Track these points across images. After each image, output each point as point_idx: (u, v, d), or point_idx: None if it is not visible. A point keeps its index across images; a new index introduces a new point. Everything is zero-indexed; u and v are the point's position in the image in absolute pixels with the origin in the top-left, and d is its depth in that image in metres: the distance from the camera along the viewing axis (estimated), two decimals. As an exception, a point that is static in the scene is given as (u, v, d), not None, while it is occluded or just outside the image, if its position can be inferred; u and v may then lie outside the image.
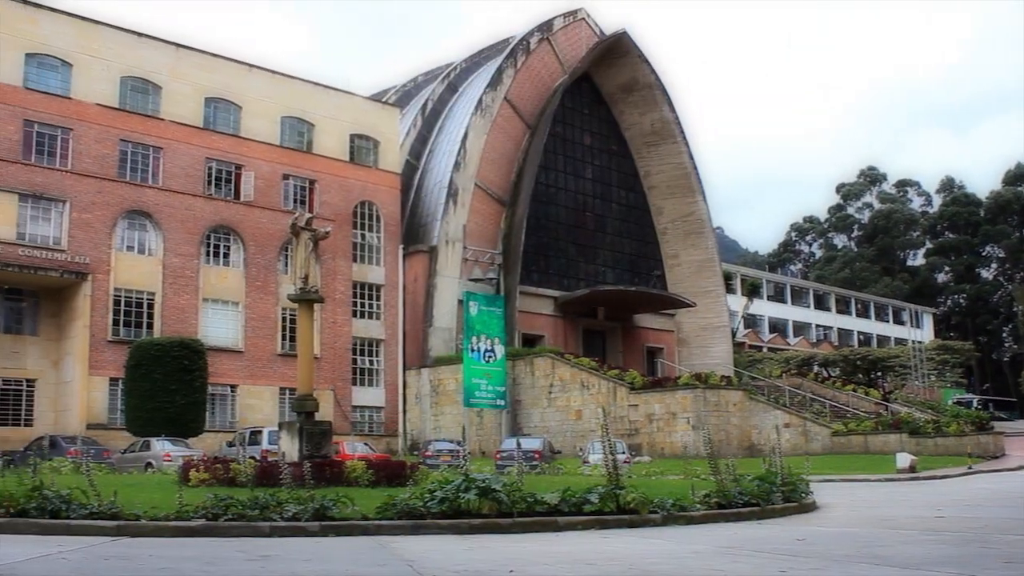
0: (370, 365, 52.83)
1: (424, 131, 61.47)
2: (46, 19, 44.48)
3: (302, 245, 22.12)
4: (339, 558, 10.02)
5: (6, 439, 39.28)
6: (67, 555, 9.82)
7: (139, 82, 46.79)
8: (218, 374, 44.79)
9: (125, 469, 31.07)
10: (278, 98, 51.19)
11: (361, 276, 52.98)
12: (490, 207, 58.52)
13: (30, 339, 43.81)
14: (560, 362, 50.08)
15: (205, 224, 47.34)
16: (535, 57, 62.23)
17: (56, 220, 43.23)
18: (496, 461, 34.47)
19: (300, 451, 19.87)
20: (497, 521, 12.52)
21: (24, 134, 42.85)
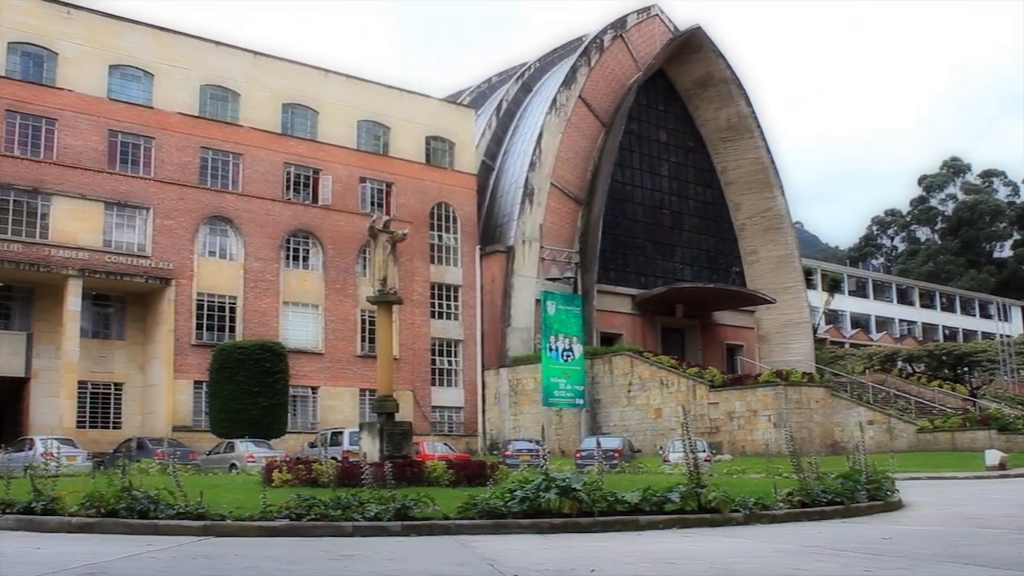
0: (449, 365, 53.09)
1: (499, 131, 61.58)
2: (128, 31, 45.46)
3: (380, 247, 22.24)
4: (421, 557, 10.07)
5: (96, 441, 40.20)
6: (156, 554, 10.01)
7: (218, 90, 47.57)
8: (299, 376, 45.36)
9: (210, 470, 31.58)
10: (354, 102, 51.68)
11: (439, 277, 53.27)
12: (566, 206, 58.44)
13: (117, 344, 44.80)
14: (639, 360, 49.84)
15: (284, 228, 47.97)
16: (609, 55, 62.00)
17: (140, 227, 44.15)
18: (576, 460, 34.40)
19: (381, 451, 20.00)
20: (577, 520, 12.48)
21: (109, 144, 43.85)
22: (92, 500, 12.62)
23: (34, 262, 40.94)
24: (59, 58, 43.44)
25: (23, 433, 39.40)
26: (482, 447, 51.66)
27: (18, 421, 41.95)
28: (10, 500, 13.08)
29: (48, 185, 41.92)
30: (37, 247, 41.25)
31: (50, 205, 42.05)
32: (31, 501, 12.93)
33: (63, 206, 42.27)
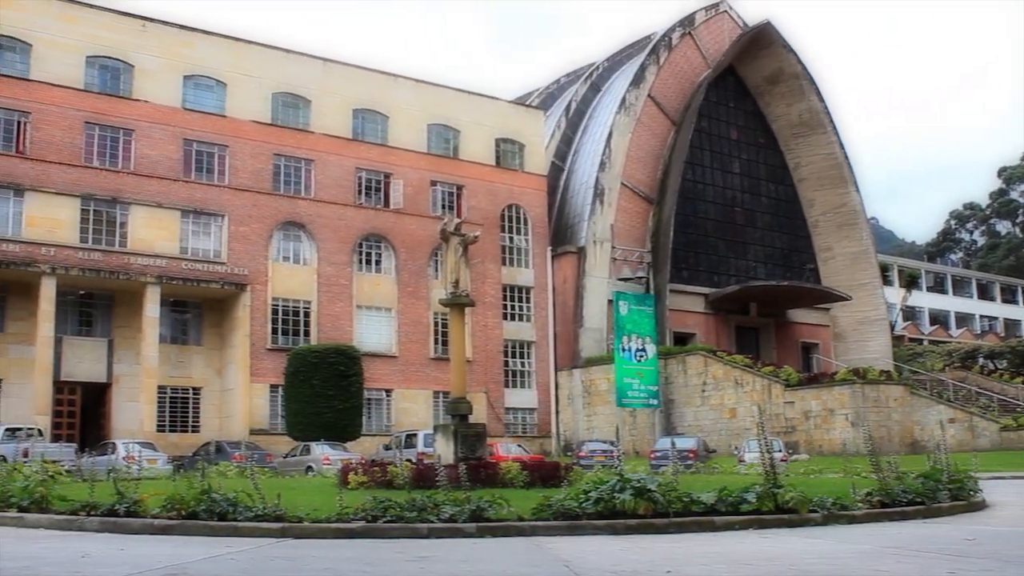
0: (522, 367, 53.15)
1: (568, 132, 61.54)
2: (201, 42, 46.22)
3: (452, 250, 22.32)
4: (496, 559, 10.08)
5: (175, 445, 40.91)
6: (235, 555, 10.14)
7: (290, 97, 48.16)
8: (373, 379, 45.72)
9: (287, 473, 31.93)
10: (424, 106, 51.98)
11: (511, 279, 53.36)
12: (637, 205, 58.21)
13: (195, 349, 45.56)
14: (713, 360, 49.45)
15: (357, 233, 48.39)
16: (677, 53, 61.63)
17: (216, 234, 44.85)
18: (650, 461, 34.23)
19: (455, 453, 20.06)
20: (653, 521, 12.40)
21: (184, 153, 44.63)
22: (173, 502, 12.82)
23: (114, 270, 41.80)
24: (135, 70, 44.31)
25: (105, 437, 40.24)
26: (556, 448, 51.61)
27: (100, 425, 42.86)
28: (94, 502, 13.35)
29: (126, 194, 42.78)
30: (117, 255, 42.11)
31: (128, 214, 42.91)
32: (115, 503, 13.19)
33: (141, 215, 43.10)
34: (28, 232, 40.56)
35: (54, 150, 41.65)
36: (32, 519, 13.63)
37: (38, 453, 22.48)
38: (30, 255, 40.19)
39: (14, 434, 33.79)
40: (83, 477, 17.82)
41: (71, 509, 13.59)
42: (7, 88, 41.16)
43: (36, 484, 14.54)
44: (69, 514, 13.45)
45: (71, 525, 13.08)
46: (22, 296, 41.01)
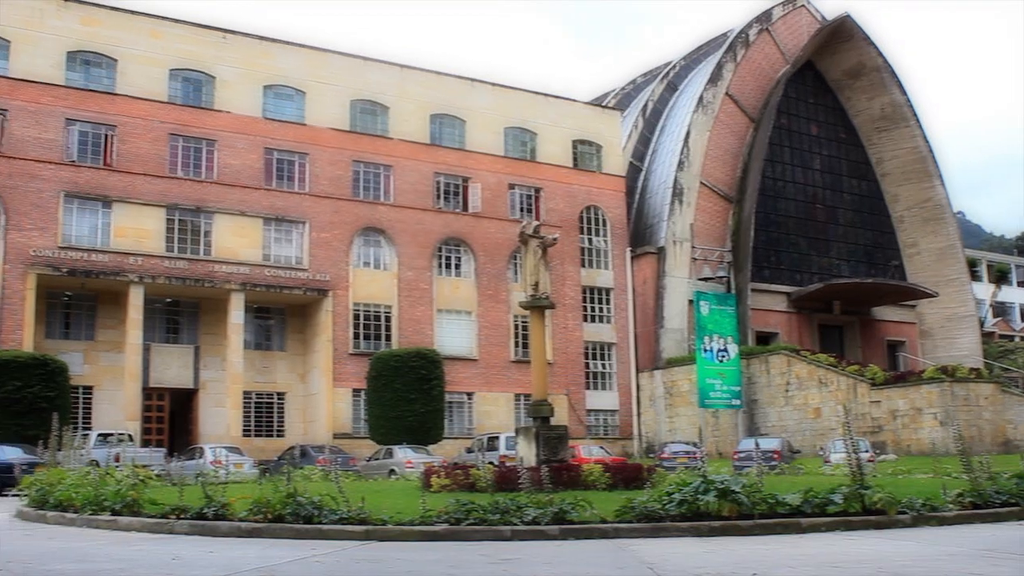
0: (602, 369, 53.01)
1: (646, 132, 61.25)
2: (280, 52, 46.88)
3: (531, 253, 22.34)
4: (579, 561, 10.07)
5: (261, 449, 41.53)
6: (321, 558, 10.27)
7: (368, 104, 48.62)
8: (454, 382, 45.95)
9: (370, 476, 32.23)
10: (500, 110, 52.11)
11: (590, 280, 53.26)
12: (716, 204, 57.73)
13: (278, 354, 46.21)
14: (796, 359, 48.80)
15: (436, 237, 48.67)
16: (755, 49, 61.01)
17: (297, 240, 45.44)
18: (734, 462, 33.89)
19: (537, 456, 20.07)
20: (737, 523, 12.30)
21: (265, 161, 45.30)
22: (260, 506, 13.03)
23: (199, 278, 42.58)
24: (216, 81, 45.10)
25: (193, 442, 41.01)
26: (638, 450, 51.40)
27: (188, 430, 43.68)
28: (184, 506, 13.63)
29: (210, 203, 43.55)
30: (202, 263, 42.88)
31: (212, 222, 43.67)
32: (203, 507, 13.45)
33: (224, 223, 43.85)
34: (116, 242, 41.49)
35: (140, 162, 42.56)
36: (125, 522, 13.96)
37: (129, 458, 22.93)
38: (119, 265, 41.12)
39: (106, 439, 34.59)
40: (172, 481, 18.20)
41: (161, 512, 13.89)
42: (95, 103, 42.19)
43: (128, 488, 14.90)
44: (160, 517, 13.75)
45: (162, 528, 13.38)
46: (111, 305, 41.98)
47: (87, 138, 42.07)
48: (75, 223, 41.07)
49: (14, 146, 40.22)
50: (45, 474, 17.89)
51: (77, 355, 41.08)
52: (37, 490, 17.14)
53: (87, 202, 41.35)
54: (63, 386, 36.51)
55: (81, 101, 41.93)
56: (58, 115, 41.27)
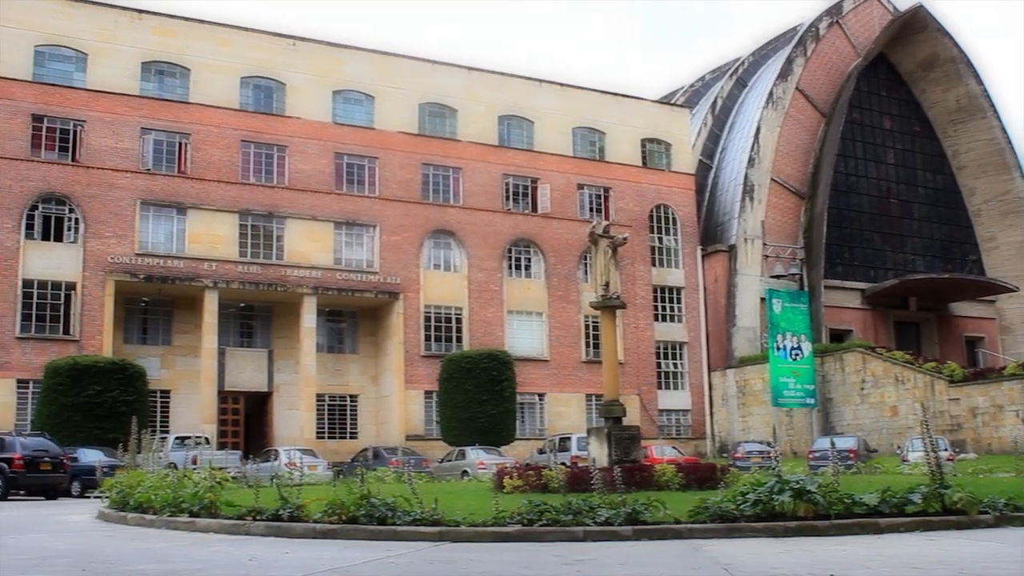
0: (674, 368, 52.70)
1: (715, 129, 60.80)
2: (349, 57, 47.32)
3: (601, 253, 22.28)
4: (653, 562, 10.00)
5: (334, 451, 41.92)
6: (395, 559, 10.32)
7: (436, 107, 48.87)
8: (526, 383, 45.97)
9: (442, 477, 32.38)
10: (568, 110, 52.05)
11: (661, 279, 52.98)
12: (788, 201, 57.09)
13: (351, 357, 46.62)
14: (871, 356, 48.04)
15: (506, 238, 48.75)
16: (825, 43, 60.20)
17: (368, 244, 45.79)
18: (809, 461, 33.51)
19: (609, 456, 20.00)
20: (813, 523, 12.13)
21: (335, 166, 45.74)
22: (334, 507, 13.13)
23: (272, 282, 43.11)
24: (287, 88, 45.64)
25: (268, 444, 41.54)
26: (711, 450, 51.03)
27: (263, 433, 44.25)
28: (260, 507, 13.79)
29: (282, 209, 44.07)
30: (274, 268, 43.41)
31: (284, 227, 44.19)
32: (278, 508, 13.59)
33: (296, 228, 44.34)
34: (191, 248, 42.17)
35: (213, 169, 43.22)
36: (202, 523, 14.17)
37: (206, 460, 23.31)
38: (193, 271, 41.79)
39: (183, 442, 35.21)
40: (248, 483, 18.41)
41: (238, 514, 14.08)
42: (169, 112, 42.93)
43: (205, 490, 15.12)
44: (236, 519, 13.93)
45: (238, 529, 13.55)
46: (187, 310, 42.68)
47: (162, 146, 42.83)
48: (151, 230, 41.85)
49: (92, 156, 41.08)
50: (125, 476, 18.22)
51: (154, 360, 41.84)
52: (118, 492, 17.46)
53: (162, 209, 42.10)
54: (141, 390, 37.25)
55: (156, 110, 42.70)
56: (134, 125, 42.07)
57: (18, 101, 40.16)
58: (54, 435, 32.05)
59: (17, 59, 40.65)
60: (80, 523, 16.81)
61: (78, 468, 30.16)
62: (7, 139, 39.73)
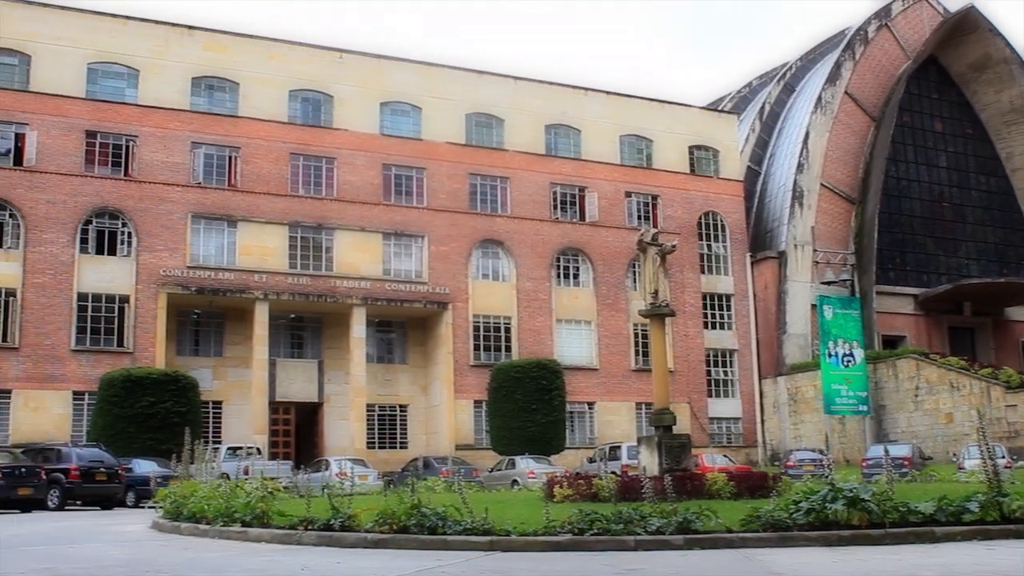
0: (724, 376, 52.35)
1: (763, 135, 60.42)
2: (395, 69, 47.58)
3: (649, 260, 22.19)
4: (706, 571, 9.94)
5: (385, 461, 42.06)
6: (446, 568, 10.33)
7: (483, 117, 48.99)
8: (575, 392, 45.89)
9: (492, 487, 32.33)
10: (615, 118, 51.97)
11: (710, 287, 52.69)
12: (838, 206, 56.57)
13: (400, 367, 46.79)
14: (925, 363, 47.43)
15: (554, 247, 48.72)
16: (874, 46, 59.61)
17: (416, 254, 45.97)
18: (862, 469, 33.12)
19: (660, 465, 19.89)
20: (867, 532, 11.99)
21: (383, 177, 45.98)
22: (385, 517, 13.18)
23: (322, 293, 43.40)
24: (334, 100, 45.97)
25: (319, 454, 41.77)
26: (763, 458, 50.61)
27: (314, 443, 44.52)
28: (311, 517, 13.87)
29: (331, 220, 44.37)
30: (324, 279, 43.70)
31: (333, 239, 44.48)
32: (330, 518, 13.67)
33: (345, 239, 44.62)
34: (241, 260, 42.57)
35: (262, 181, 43.62)
36: (255, 533, 14.28)
37: (257, 470, 23.49)
38: (244, 282, 42.19)
39: (235, 453, 35.52)
40: (299, 493, 18.53)
41: (290, 524, 14.17)
42: (219, 126, 43.42)
43: (257, 500, 15.24)
44: (288, 528, 14.03)
45: (290, 539, 13.63)
46: (238, 321, 43.08)
47: (212, 160, 43.32)
48: (202, 243, 42.31)
49: (144, 170, 41.64)
50: (179, 487, 18.41)
51: (206, 371, 42.27)
52: (171, 502, 17.66)
53: (213, 222, 42.56)
54: (194, 401, 37.65)
55: (206, 125, 43.21)
56: (184, 139, 42.60)
57: (72, 118, 40.83)
58: (109, 446, 32.52)
59: (71, 77, 41.35)
60: (135, 533, 17.01)
61: (133, 479, 30.57)
62: (62, 155, 40.39)
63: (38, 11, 41.45)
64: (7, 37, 40.67)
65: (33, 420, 37.92)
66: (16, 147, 40.22)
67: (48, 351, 38.73)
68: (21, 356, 38.36)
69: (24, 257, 39.12)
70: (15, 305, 38.71)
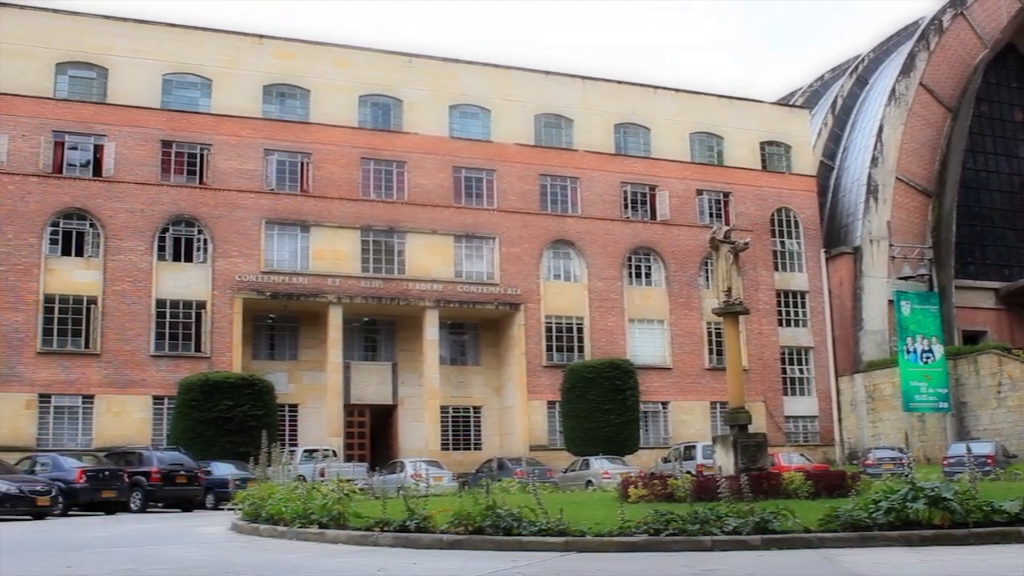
0: (800, 374, 51.72)
1: (836, 129, 59.61)
2: (463, 71, 47.76)
3: (722, 258, 22.05)
4: (784, 571, 9.82)
5: (459, 462, 42.21)
6: (522, 569, 10.32)
7: (552, 118, 48.96)
8: (649, 392, 45.66)
9: (567, 487, 32.29)
10: (685, 115, 51.63)
11: (784, 284, 52.10)
12: (914, 200, 55.58)
13: (473, 369, 46.94)
14: (1008, 358, 46.36)
15: (625, 247, 48.52)
16: (949, 35, 58.45)
17: (488, 256, 46.07)
18: (943, 468, 32.49)
19: (735, 464, 19.74)
20: (950, 532, 11.76)
21: (454, 180, 46.16)
22: (460, 518, 13.23)
23: (394, 296, 43.70)
24: (404, 104, 46.27)
25: (393, 456, 42.05)
26: (840, 457, 49.92)
27: (388, 445, 44.83)
28: (387, 519, 13.97)
29: (402, 223, 44.65)
30: (396, 282, 43.99)
31: (405, 242, 44.75)
32: (405, 520, 13.75)
33: (417, 242, 44.87)
34: (315, 265, 43.03)
35: (334, 186, 44.05)
36: (332, 535, 14.42)
37: (333, 472, 23.73)
38: (318, 287, 42.62)
39: (311, 455, 35.90)
40: (375, 495, 18.67)
41: (366, 525, 14.28)
42: (291, 132, 43.94)
43: (333, 502, 15.38)
44: (364, 530, 14.14)
45: (366, 540, 13.74)
46: (312, 325, 43.54)
47: (284, 166, 43.85)
48: (276, 248, 42.84)
49: (218, 178, 42.30)
50: (257, 489, 18.64)
51: (282, 375, 42.78)
52: (250, 504, 17.89)
53: (286, 227, 43.08)
54: (270, 405, 38.12)
55: (278, 131, 43.75)
56: (257, 146, 43.18)
57: (148, 128, 41.62)
58: (188, 449, 33.09)
59: (147, 88, 42.17)
60: (215, 535, 17.27)
61: (212, 481, 31.05)
62: (139, 165, 41.19)
63: (115, 25, 42.35)
64: (86, 51, 41.63)
65: (115, 424, 38.72)
66: (95, 158, 41.12)
67: (128, 357, 39.51)
68: (103, 362, 39.19)
69: (104, 265, 39.95)
70: (96, 312, 39.54)
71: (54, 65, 41.22)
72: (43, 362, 38.47)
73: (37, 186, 39.59)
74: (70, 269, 39.75)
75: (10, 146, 39.59)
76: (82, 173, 40.83)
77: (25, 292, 38.59)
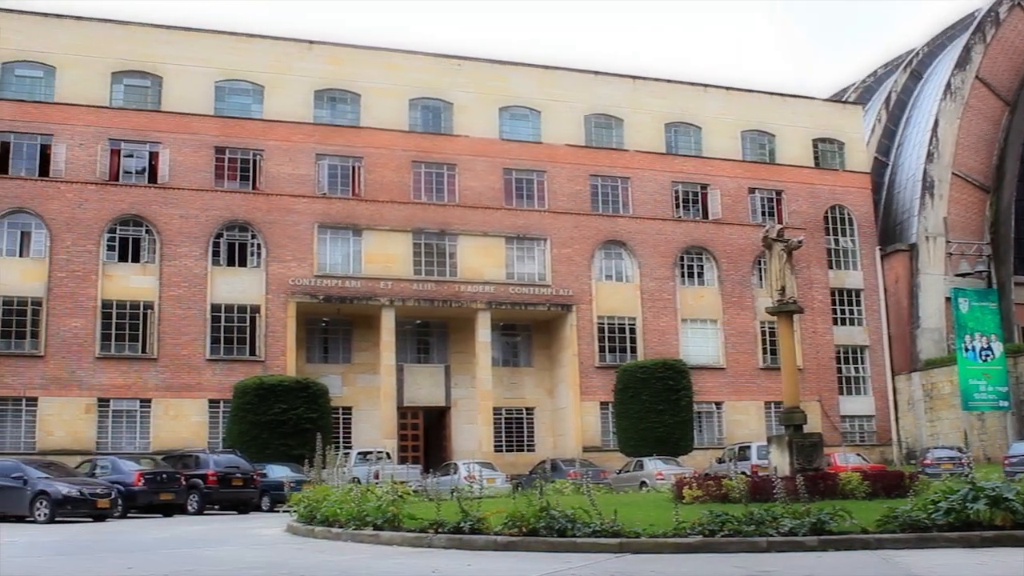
0: (855, 373, 51.15)
1: (890, 125, 58.88)
2: (513, 73, 47.81)
3: (775, 257, 21.89)
4: (841, 572, 9.72)
5: (512, 464, 42.24)
6: (576, 571, 10.31)
7: (602, 118, 48.85)
8: (702, 392, 45.39)
9: (620, 488, 32.22)
10: (736, 113, 51.28)
11: (838, 282, 51.55)
12: (971, 195, 54.76)
13: (525, 370, 46.94)
14: (1069, 356, 45.57)
15: (677, 246, 48.28)
16: (1006, 27, 57.51)
17: (539, 258, 46.06)
18: (1004, 468, 31.99)
19: (791, 465, 19.58)
20: (1012, 533, 11.56)
21: (504, 181, 46.21)
22: (514, 520, 13.23)
23: (446, 299, 43.83)
24: (454, 107, 46.41)
25: (447, 458, 42.15)
26: (898, 456, 49.26)
27: (442, 447, 44.95)
28: (441, 520, 14.01)
29: (454, 226, 44.78)
30: (448, 284, 44.12)
31: (456, 244, 44.87)
32: (459, 521, 13.78)
33: (468, 244, 44.97)
34: (367, 268, 43.27)
35: (385, 190, 44.28)
36: (386, 536, 14.48)
37: (387, 474, 23.79)
38: (370, 290, 42.85)
39: (366, 457, 36.03)
40: (429, 497, 18.73)
41: (420, 527, 14.34)
42: (342, 137, 44.24)
43: (388, 504, 15.46)
44: (418, 531, 14.20)
45: (420, 542, 13.79)
46: (365, 328, 43.79)
47: (336, 171, 44.15)
48: (328, 252, 43.15)
49: (271, 183, 42.69)
50: (311, 491, 18.79)
51: (336, 378, 43.05)
52: (305, 506, 18.03)
53: (339, 231, 43.37)
54: (324, 407, 38.37)
55: (329, 136, 44.07)
56: (309, 151, 43.52)
57: (202, 135, 42.13)
58: (244, 452, 33.39)
59: (200, 95, 42.68)
60: (270, 536, 17.42)
61: (267, 483, 31.34)
62: (193, 171, 41.69)
63: (168, 34, 42.91)
64: (141, 60, 42.22)
65: (172, 428, 39.23)
66: (150, 165, 41.70)
67: (184, 361, 40.00)
68: (160, 366, 39.71)
69: (160, 271, 40.49)
70: (153, 317, 40.07)
71: (110, 74, 41.87)
72: (102, 367, 39.08)
73: (94, 193, 40.23)
74: (127, 275, 40.34)
75: (68, 155, 40.29)
76: (138, 180, 41.43)
77: (84, 298, 39.24)
